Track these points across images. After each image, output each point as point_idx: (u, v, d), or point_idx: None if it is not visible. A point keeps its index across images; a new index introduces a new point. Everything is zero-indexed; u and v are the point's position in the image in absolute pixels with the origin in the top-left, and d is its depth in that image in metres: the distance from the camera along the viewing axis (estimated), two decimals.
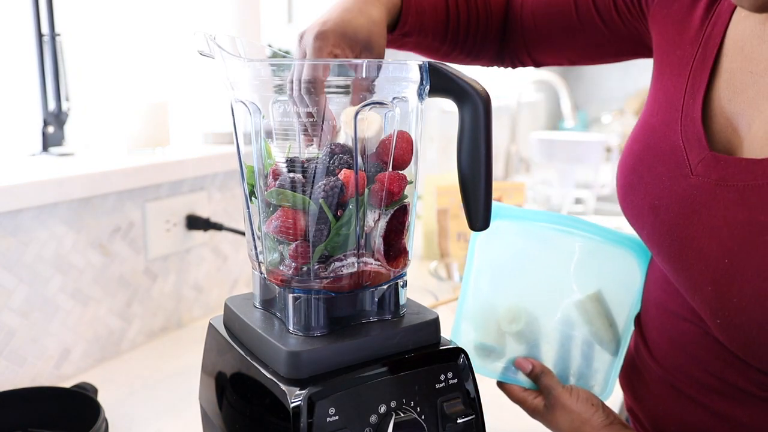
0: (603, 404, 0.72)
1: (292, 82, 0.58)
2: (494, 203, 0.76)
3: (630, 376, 0.78)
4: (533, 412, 0.74)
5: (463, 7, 0.82)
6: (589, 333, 0.77)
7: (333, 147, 0.58)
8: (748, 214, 0.58)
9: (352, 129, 0.57)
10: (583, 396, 0.72)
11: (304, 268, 0.58)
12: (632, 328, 0.77)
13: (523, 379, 0.77)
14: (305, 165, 0.58)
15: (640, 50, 0.82)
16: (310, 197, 0.57)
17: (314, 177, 0.57)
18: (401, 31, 0.75)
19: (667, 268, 0.67)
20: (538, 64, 0.91)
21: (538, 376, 0.75)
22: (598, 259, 0.76)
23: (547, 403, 0.73)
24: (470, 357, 0.64)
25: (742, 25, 0.64)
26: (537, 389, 0.75)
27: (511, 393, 0.76)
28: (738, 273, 0.58)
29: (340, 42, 0.64)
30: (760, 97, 0.61)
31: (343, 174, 0.57)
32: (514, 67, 0.93)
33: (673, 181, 0.65)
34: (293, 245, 0.58)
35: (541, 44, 0.87)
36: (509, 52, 0.90)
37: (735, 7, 0.65)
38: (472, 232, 0.77)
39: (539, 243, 0.77)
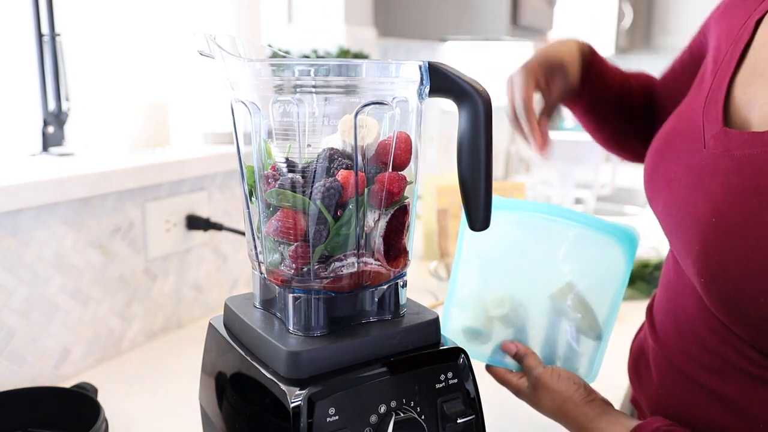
0: (585, 383, 0.74)
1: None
2: None
3: (637, 364, 0.80)
4: (517, 392, 0.77)
5: (633, 77, 0.95)
6: (566, 323, 0.79)
7: (332, 150, 0.58)
8: (740, 180, 0.61)
9: (348, 136, 0.57)
10: (564, 375, 0.74)
11: (305, 269, 0.58)
12: (615, 314, 0.78)
13: (510, 362, 0.79)
14: (305, 166, 0.58)
15: None
16: (310, 198, 0.57)
17: (314, 178, 0.57)
18: (587, 78, 0.90)
19: (671, 239, 0.71)
20: None
21: (522, 357, 0.77)
22: (582, 246, 0.78)
23: (529, 383, 0.75)
24: (459, 341, 0.65)
25: (767, 24, 0.68)
26: (522, 371, 0.77)
27: (497, 374, 0.79)
28: (722, 229, 0.61)
29: (543, 65, 0.85)
30: None
31: (341, 175, 0.57)
32: None
33: (689, 156, 0.69)
34: (293, 246, 0.58)
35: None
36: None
37: (765, 13, 0.69)
38: (461, 223, 0.80)
39: (524, 231, 0.79)
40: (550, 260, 0.78)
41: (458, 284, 0.80)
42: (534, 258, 0.79)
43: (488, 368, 0.80)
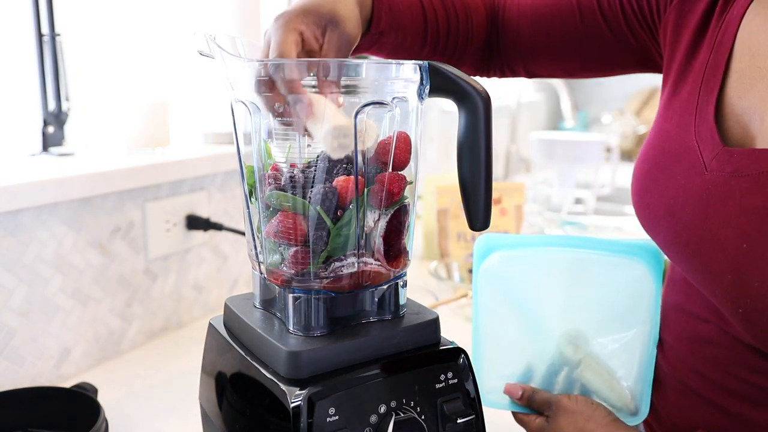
0: (604, 406, 0.72)
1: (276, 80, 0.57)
2: (488, 234, 0.76)
3: None
4: (540, 431, 0.73)
5: (440, 8, 0.81)
6: (597, 397, 0.75)
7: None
8: (763, 200, 0.58)
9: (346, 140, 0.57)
10: (581, 399, 0.72)
11: (305, 270, 0.58)
12: (652, 366, 0.74)
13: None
14: (304, 167, 0.58)
15: (645, 63, 0.81)
16: (309, 201, 0.57)
17: (313, 181, 0.57)
18: (377, 29, 0.75)
19: (686, 269, 0.67)
20: (531, 75, 0.89)
21: (531, 398, 0.74)
22: (603, 274, 0.74)
23: (549, 414, 0.72)
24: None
25: (750, 26, 0.65)
26: (535, 413, 0.75)
27: (517, 419, 0.76)
28: (757, 257, 0.57)
29: (303, 19, 0.63)
30: None
31: (338, 181, 0.57)
32: (502, 76, 0.91)
33: (688, 180, 0.65)
34: (293, 250, 0.58)
35: (539, 54, 0.85)
36: (498, 61, 0.89)
37: (744, 12, 0.66)
38: (473, 273, 0.77)
39: (539, 268, 0.76)
40: (573, 298, 0.75)
41: (482, 336, 0.77)
42: (556, 298, 0.75)
43: (515, 416, 0.77)
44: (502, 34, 0.86)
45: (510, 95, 2.60)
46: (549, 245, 0.76)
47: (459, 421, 0.60)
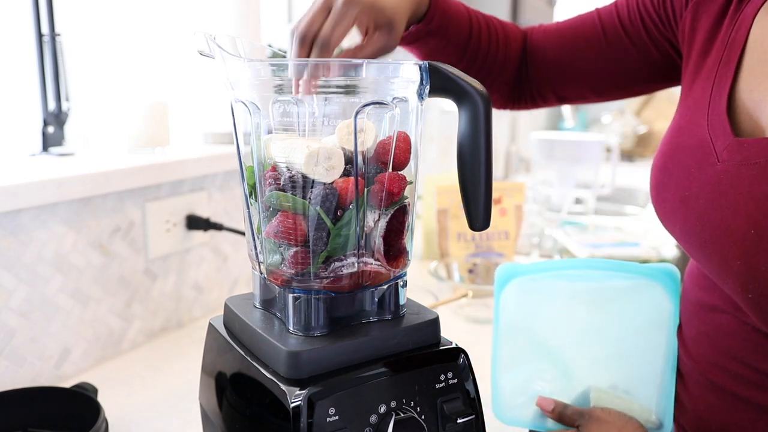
0: (635, 419, 0.72)
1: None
2: (508, 263, 0.77)
3: None
4: None
5: (484, 28, 0.85)
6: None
7: None
8: None
9: (346, 142, 0.57)
10: (614, 411, 0.73)
11: (305, 270, 0.58)
12: (673, 382, 0.75)
13: (550, 424, 0.77)
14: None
15: (672, 75, 0.82)
16: (309, 202, 0.57)
17: (313, 182, 0.57)
18: (426, 28, 0.78)
19: (699, 258, 0.68)
20: (562, 100, 0.91)
21: (562, 412, 0.75)
22: (622, 295, 0.75)
23: (581, 424, 0.72)
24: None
25: (763, 23, 0.67)
26: (565, 428, 0.75)
27: None
28: (764, 241, 0.59)
29: (368, 11, 0.68)
30: None
31: (336, 182, 0.57)
32: (534, 105, 0.93)
33: (701, 171, 0.67)
34: (293, 250, 0.58)
35: (567, 75, 0.87)
36: (529, 88, 0.91)
37: (757, 12, 0.68)
38: (494, 301, 0.77)
39: (559, 296, 0.77)
40: (593, 322, 0.76)
41: (502, 361, 0.77)
42: (577, 322, 0.76)
43: None
44: (530, 60, 0.89)
45: None
46: (568, 269, 0.77)
47: (459, 421, 0.60)
